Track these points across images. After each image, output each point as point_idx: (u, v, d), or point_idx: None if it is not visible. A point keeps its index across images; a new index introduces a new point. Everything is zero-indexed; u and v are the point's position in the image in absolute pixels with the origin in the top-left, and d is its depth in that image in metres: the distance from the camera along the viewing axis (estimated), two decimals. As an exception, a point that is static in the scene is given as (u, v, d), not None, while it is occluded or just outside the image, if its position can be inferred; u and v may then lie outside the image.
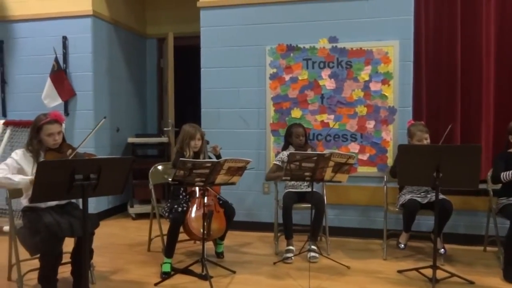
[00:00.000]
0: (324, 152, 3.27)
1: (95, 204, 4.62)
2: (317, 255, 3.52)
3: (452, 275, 3.10)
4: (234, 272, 3.26)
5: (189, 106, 5.55)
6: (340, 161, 3.20)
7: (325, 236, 3.83)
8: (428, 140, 3.58)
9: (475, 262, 3.55)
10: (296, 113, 4.25)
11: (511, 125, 3.35)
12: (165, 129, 5.31)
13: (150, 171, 3.68)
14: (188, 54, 5.29)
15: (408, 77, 4.05)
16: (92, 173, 2.30)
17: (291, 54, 4.25)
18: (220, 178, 3.08)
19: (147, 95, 5.95)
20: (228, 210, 3.40)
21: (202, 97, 4.51)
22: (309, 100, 4.22)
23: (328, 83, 4.18)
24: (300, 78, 4.24)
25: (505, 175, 3.23)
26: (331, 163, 3.19)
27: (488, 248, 3.81)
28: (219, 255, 3.61)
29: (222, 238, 3.56)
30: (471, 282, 3.06)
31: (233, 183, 3.19)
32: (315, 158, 3.13)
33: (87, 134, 2.81)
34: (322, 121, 4.21)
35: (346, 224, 4.23)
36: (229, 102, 4.43)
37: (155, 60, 5.95)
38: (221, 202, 3.44)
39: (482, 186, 3.61)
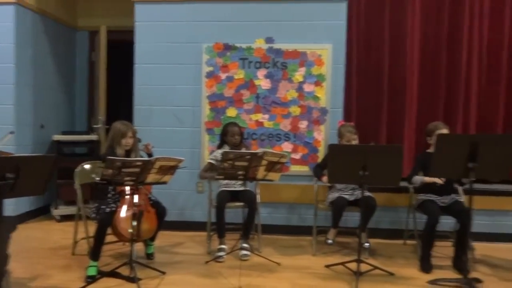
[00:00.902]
0: (257, 151, 3.31)
1: (14, 206, 4.31)
2: (248, 253, 3.56)
3: (375, 267, 3.28)
4: (164, 273, 3.20)
5: (122, 103, 5.36)
6: (272, 160, 3.26)
7: (257, 234, 3.88)
8: (357, 141, 3.75)
9: (396, 255, 3.78)
10: (231, 112, 4.26)
11: (428, 128, 3.60)
12: (95, 126, 5.09)
13: (76, 170, 3.51)
14: (122, 49, 5.11)
15: (340, 80, 4.22)
16: (9, 173, 2.16)
17: (228, 53, 4.26)
18: (151, 177, 3.01)
19: (76, 90, 5.67)
20: (159, 210, 3.33)
21: (135, 94, 4.39)
22: (244, 100, 4.26)
23: (263, 83, 4.24)
24: (236, 77, 4.26)
25: (414, 180, 3.49)
26: (264, 162, 3.24)
27: (408, 242, 4.08)
28: (149, 256, 3.53)
29: (152, 238, 3.48)
30: (391, 274, 3.26)
31: (164, 182, 3.13)
32: (248, 157, 3.17)
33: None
34: (257, 121, 4.26)
35: (278, 221, 4.32)
36: (164, 99, 4.35)
37: (86, 53, 5.68)
38: (152, 201, 3.36)
39: (403, 183, 3.86)
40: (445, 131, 3.47)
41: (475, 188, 3.08)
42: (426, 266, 3.38)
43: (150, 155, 3.39)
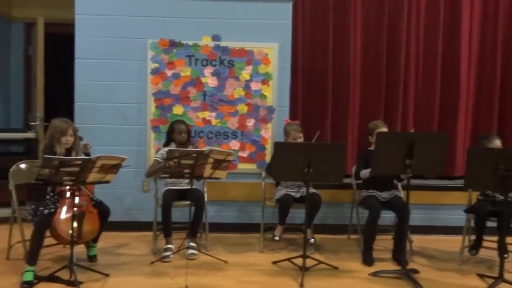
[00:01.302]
0: (204, 149, 3.28)
1: None
2: (196, 252, 3.53)
3: (320, 262, 3.37)
4: (107, 275, 3.09)
5: (61, 100, 5.12)
6: (219, 158, 3.25)
7: (205, 233, 3.86)
8: (302, 139, 3.82)
9: (340, 249, 3.91)
10: (178, 109, 4.20)
11: (369, 126, 3.75)
12: (32, 123, 4.82)
13: (11, 170, 3.31)
14: (61, 43, 4.87)
15: (286, 79, 4.27)
16: None
17: (174, 50, 4.18)
18: (92, 177, 2.90)
19: (11, 85, 5.33)
20: (101, 210, 3.22)
21: (76, 90, 4.20)
22: (191, 97, 4.21)
23: (210, 81, 4.21)
24: (182, 74, 4.20)
25: (362, 174, 3.61)
26: (211, 160, 3.23)
27: (352, 236, 4.23)
28: (92, 258, 3.40)
29: (95, 240, 3.35)
30: (335, 268, 3.37)
31: (107, 182, 3.03)
32: (194, 155, 3.13)
33: None
34: (204, 119, 4.22)
35: (226, 220, 4.32)
36: (107, 96, 4.19)
37: (22, 47, 5.36)
38: (94, 202, 3.24)
39: (347, 180, 4.00)
40: (384, 129, 3.63)
41: (412, 184, 3.26)
42: (368, 259, 3.52)
43: (88, 155, 3.24)
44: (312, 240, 3.78)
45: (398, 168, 3.19)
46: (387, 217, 3.96)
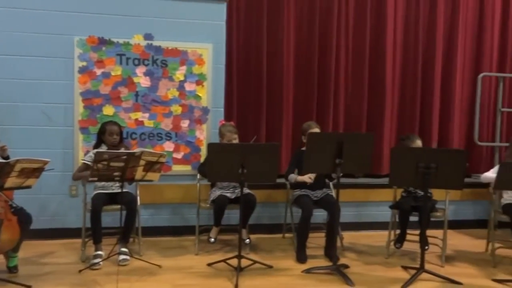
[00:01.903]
0: (134, 150, 3.18)
1: None
2: (127, 257, 3.41)
3: (255, 262, 3.40)
4: (29, 286, 2.89)
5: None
6: (151, 160, 3.17)
7: (138, 237, 3.74)
8: (237, 140, 3.83)
9: (275, 248, 3.97)
10: (108, 110, 4.03)
11: (303, 127, 3.85)
12: None
13: None
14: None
15: (221, 80, 4.26)
16: None
17: (103, 48, 4.02)
18: (11, 181, 2.71)
19: None
20: (22, 217, 3.00)
21: (-6, 89, 3.90)
22: (122, 97, 4.06)
23: (143, 81, 4.09)
24: (113, 73, 4.04)
25: (289, 178, 3.73)
26: (142, 162, 3.14)
27: (287, 235, 4.31)
28: (12, 269, 3.15)
29: (15, 250, 3.12)
30: (270, 266, 3.41)
31: (28, 187, 2.84)
32: (124, 157, 3.03)
33: None
34: (136, 119, 4.10)
35: (160, 223, 4.22)
36: (30, 95, 3.93)
37: None
38: (14, 209, 3.01)
39: (281, 180, 4.07)
40: (316, 130, 3.74)
41: (342, 182, 3.39)
42: (301, 256, 3.60)
43: (6, 158, 3.01)
44: (248, 240, 3.80)
45: (328, 167, 3.30)
46: (320, 215, 4.08)
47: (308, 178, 3.61)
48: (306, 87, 4.68)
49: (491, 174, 3.65)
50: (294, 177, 3.73)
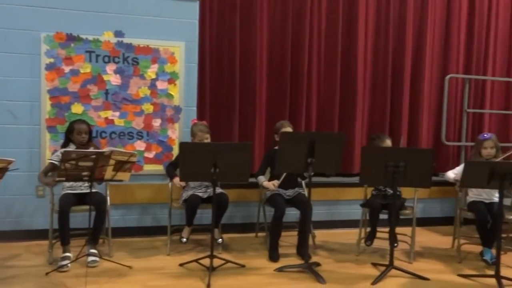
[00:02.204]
0: (104, 150, 3.12)
1: None
2: (97, 258, 3.34)
3: (227, 261, 3.39)
4: (-8, 290, 2.80)
5: None
6: (121, 159, 3.11)
7: (108, 238, 3.67)
8: (209, 140, 3.80)
9: (248, 247, 3.97)
10: (77, 108, 3.93)
11: (275, 126, 3.86)
12: None
13: None
14: None
15: (193, 78, 4.23)
16: None
17: (72, 45, 3.91)
18: (-28, 182, 2.60)
19: None
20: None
21: (-45, 85, 3.74)
22: (92, 95, 3.97)
23: (113, 79, 4.01)
24: (82, 71, 3.94)
25: (258, 180, 3.77)
26: (112, 162, 3.08)
27: (259, 234, 4.32)
28: (-26, 273, 3.05)
29: (-23, 252, 3.01)
30: (242, 266, 3.41)
31: (-9, 187, 2.74)
32: (93, 156, 2.96)
33: None
34: (106, 118, 4.01)
35: (131, 223, 4.15)
36: (-6, 92, 3.80)
37: None
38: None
39: (254, 179, 4.07)
40: (289, 129, 3.76)
41: (315, 181, 3.43)
42: (274, 255, 3.61)
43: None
44: (220, 240, 3.79)
45: (300, 167, 3.33)
46: (292, 214, 4.11)
47: (273, 185, 3.66)
48: (279, 87, 4.70)
49: (451, 174, 3.78)
50: (262, 179, 3.78)
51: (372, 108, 5.03)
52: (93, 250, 3.36)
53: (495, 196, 3.56)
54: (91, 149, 3.32)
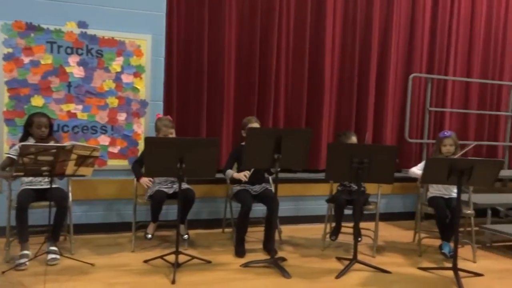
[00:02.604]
0: (64, 144, 3.02)
1: None
2: (57, 256, 3.23)
3: (193, 257, 3.37)
4: None
5: None
6: (83, 154, 3.02)
7: (69, 235, 3.56)
8: (173, 135, 3.75)
9: (214, 243, 3.96)
10: (37, 101, 3.79)
11: (243, 122, 3.86)
12: None
13: None
14: None
15: (160, 72, 4.15)
16: None
17: (32, 34, 3.76)
18: None
19: None
20: None
21: None
22: (53, 88, 3.83)
23: (76, 71, 3.89)
24: (42, 62, 3.80)
25: (226, 174, 3.76)
26: (74, 156, 2.99)
27: (226, 230, 4.31)
28: None
29: None
30: (208, 262, 3.39)
31: None
32: (54, 150, 2.87)
33: None
34: (69, 112, 3.89)
35: (95, 220, 4.05)
36: None
37: None
38: None
39: (220, 175, 4.06)
40: (256, 125, 3.77)
41: (282, 177, 3.44)
42: (240, 251, 3.61)
43: None
44: (186, 236, 3.75)
45: (267, 162, 3.34)
46: (259, 209, 4.12)
47: (244, 176, 3.64)
48: (248, 83, 4.68)
49: (416, 170, 3.89)
50: (231, 173, 3.76)
51: (339, 105, 5.11)
52: (53, 248, 3.25)
53: (453, 192, 3.69)
54: (52, 144, 3.20)
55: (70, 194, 3.49)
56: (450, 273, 3.25)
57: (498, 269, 3.56)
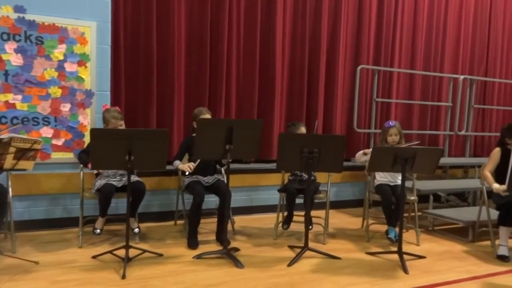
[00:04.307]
0: (2, 136, 2.84)
1: None
2: (-3, 255, 3.07)
3: (144, 251, 3.30)
4: None
5: None
6: (23, 147, 2.86)
7: (10, 233, 3.37)
8: (123, 127, 3.62)
9: (166, 236, 3.90)
10: (-30, 90, 3.54)
11: (194, 113, 3.80)
12: None
13: None
14: None
15: (106, 61, 3.99)
16: None
17: (-37, 19, 3.50)
18: None
19: None
20: None
21: None
22: (-12, 76, 3.59)
23: (14, 58, 3.65)
24: (-24, 49, 3.55)
25: (174, 164, 3.71)
26: (12, 149, 2.82)
27: (178, 222, 4.26)
28: None
29: None
30: (160, 255, 3.34)
31: None
32: (-11, 143, 2.69)
33: None
34: (7, 102, 3.65)
35: (38, 216, 3.86)
36: None
37: None
38: None
39: (171, 167, 3.99)
40: (207, 116, 3.73)
41: (234, 168, 3.43)
42: (193, 242, 3.59)
43: None
44: (137, 229, 3.66)
45: (219, 153, 3.31)
46: (212, 200, 4.11)
47: (188, 167, 3.60)
48: (199, 73, 4.62)
49: (359, 152, 4.02)
50: (177, 163, 3.72)
51: (290, 96, 5.17)
52: (-9, 247, 3.07)
53: (398, 179, 3.85)
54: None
55: (10, 189, 3.30)
56: (396, 256, 3.40)
57: (439, 251, 3.77)
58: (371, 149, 3.63)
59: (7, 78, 3.64)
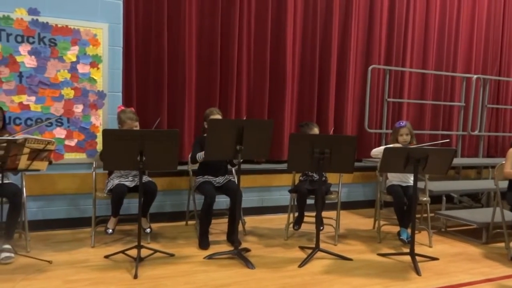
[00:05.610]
0: (16, 137, 2.88)
1: None
2: (11, 254, 3.10)
3: (155, 251, 3.32)
4: None
5: None
6: (37, 148, 2.89)
7: (24, 232, 3.42)
8: (138, 128, 3.66)
9: (178, 236, 3.91)
10: (-15, 92, 3.60)
11: (205, 113, 3.81)
12: None
13: None
14: None
15: (118, 62, 4.03)
16: None
17: (-21, 21, 3.55)
18: None
19: None
20: None
21: None
22: (3, 78, 3.64)
23: (27, 60, 3.70)
24: (-10, 51, 3.60)
25: (198, 156, 3.66)
26: (26, 150, 2.86)
27: (190, 222, 4.27)
28: None
29: None
30: (172, 255, 3.36)
31: None
32: (4, 144, 2.72)
33: None
34: (21, 103, 3.70)
35: (52, 216, 3.90)
36: None
37: None
38: None
39: (184, 167, 4.02)
40: (218, 116, 3.73)
41: (245, 168, 3.43)
42: (204, 243, 3.60)
43: None
44: (148, 229, 3.68)
45: (229, 154, 3.32)
46: (223, 201, 4.11)
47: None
48: (209, 73, 4.64)
49: (376, 149, 3.97)
50: (202, 153, 3.59)
51: (300, 97, 5.15)
52: (6, 246, 3.11)
53: (410, 180, 3.82)
54: (6, 137, 3.04)
55: (24, 190, 3.35)
56: (408, 258, 3.36)
57: (452, 253, 3.73)
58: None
59: (21, 79, 3.69)
